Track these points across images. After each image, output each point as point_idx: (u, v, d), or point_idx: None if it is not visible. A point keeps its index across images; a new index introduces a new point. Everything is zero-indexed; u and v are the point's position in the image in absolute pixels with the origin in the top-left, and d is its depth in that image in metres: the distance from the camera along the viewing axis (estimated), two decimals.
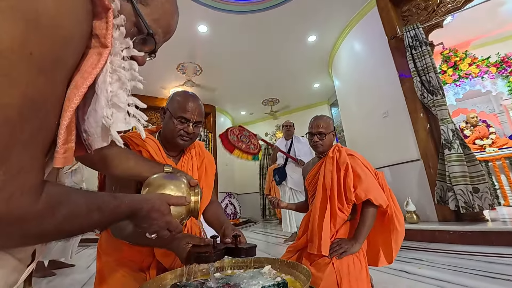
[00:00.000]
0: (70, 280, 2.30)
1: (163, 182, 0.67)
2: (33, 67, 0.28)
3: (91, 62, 0.36)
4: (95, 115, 0.39)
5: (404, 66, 3.18)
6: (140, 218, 0.53)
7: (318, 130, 1.50)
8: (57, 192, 0.34)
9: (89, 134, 0.41)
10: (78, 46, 0.34)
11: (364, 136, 4.04)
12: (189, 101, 1.01)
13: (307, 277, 0.65)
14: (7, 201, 0.27)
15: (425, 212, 2.92)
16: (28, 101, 0.28)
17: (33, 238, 0.33)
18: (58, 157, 0.34)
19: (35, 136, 0.30)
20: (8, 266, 0.36)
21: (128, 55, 0.43)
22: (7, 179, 0.27)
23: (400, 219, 1.35)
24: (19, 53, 0.27)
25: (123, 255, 0.97)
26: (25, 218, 0.29)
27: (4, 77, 0.26)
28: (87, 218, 0.39)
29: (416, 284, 1.53)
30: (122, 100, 0.41)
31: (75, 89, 0.34)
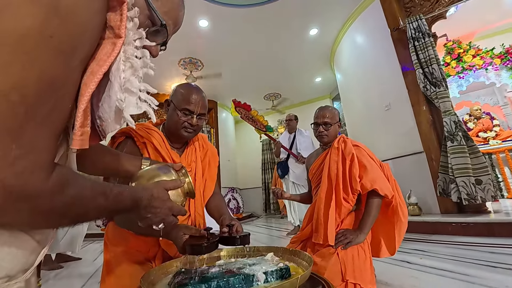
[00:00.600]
0: (77, 273, 2.34)
1: (155, 173, 0.68)
2: (52, 49, 0.29)
3: (106, 51, 0.38)
4: (109, 101, 0.41)
5: (407, 58, 3.15)
6: (143, 209, 0.54)
7: (324, 121, 1.49)
8: (66, 173, 0.36)
9: (103, 119, 0.43)
10: (93, 36, 0.35)
11: (366, 129, 4.03)
12: (192, 93, 1.02)
13: (309, 263, 0.67)
14: (18, 176, 0.28)
15: (427, 204, 2.92)
16: (45, 81, 0.29)
17: (41, 216, 0.33)
18: (75, 139, 0.36)
19: (49, 117, 0.31)
20: (28, 247, 0.37)
21: (141, 45, 0.45)
22: (20, 155, 0.28)
23: (404, 211, 1.36)
24: (40, 34, 0.28)
25: (130, 245, 0.99)
26: (35, 194, 0.30)
27: (24, 55, 0.28)
28: (92, 202, 0.40)
29: (418, 274, 1.54)
30: (134, 86, 0.43)
31: (91, 75, 0.36)
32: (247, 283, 0.57)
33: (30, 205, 0.30)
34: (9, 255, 0.35)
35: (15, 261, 0.36)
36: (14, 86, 0.27)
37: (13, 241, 0.35)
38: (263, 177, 6.89)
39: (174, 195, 0.64)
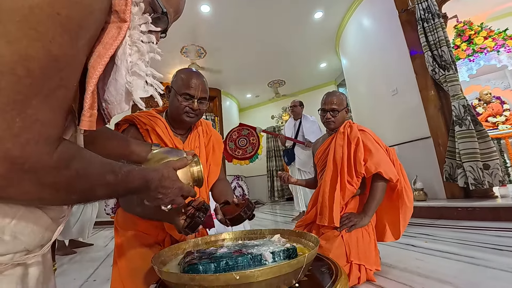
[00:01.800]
0: (89, 257, 2.43)
1: (163, 155, 0.69)
2: (59, 26, 0.30)
3: (112, 34, 0.39)
4: (115, 84, 0.42)
5: (415, 41, 3.05)
6: (153, 190, 0.54)
7: (331, 107, 1.48)
8: (73, 148, 0.36)
9: (108, 102, 0.43)
10: (99, 18, 0.36)
11: (372, 115, 3.98)
12: (192, 78, 1.02)
13: (315, 243, 0.68)
14: (22, 147, 0.28)
15: (433, 189, 2.92)
16: (51, 57, 0.30)
17: (48, 189, 0.34)
18: (84, 120, 0.37)
19: (54, 93, 0.31)
20: (43, 223, 0.39)
21: (147, 29, 0.46)
22: (24, 126, 0.28)
23: (409, 195, 1.36)
24: (47, 11, 0.29)
25: (139, 229, 1.02)
26: (38, 166, 0.31)
27: (32, 30, 0.28)
28: (101, 178, 0.40)
29: (423, 257, 1.56)
30: (142, 69, 0.44)
31: (98, 58, 0.37)
32: (255, 263, 0.59)
33: (34, 177, 0.31)
34: (27, 229, 0.36)
35: (33, 235, 0.37)
36: (21, 60, 0.28)
37: (30, 216, 0.37)
38: (268, 164, 6.92)
39: (183, 178, 0.65)
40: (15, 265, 0.36)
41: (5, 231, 0.34)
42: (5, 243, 0.34)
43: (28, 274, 0.39)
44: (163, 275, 0.54)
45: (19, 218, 0.35)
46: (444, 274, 1.28)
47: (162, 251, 0.71)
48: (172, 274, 0.52)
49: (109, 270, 1.95)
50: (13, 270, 0.36)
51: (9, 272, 0.36)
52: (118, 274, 0.95)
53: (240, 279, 0.45)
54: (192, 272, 0.54)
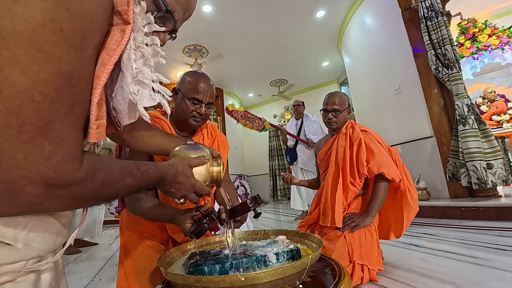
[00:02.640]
0: (95, 257, 2.46)
1: (186, 152, 0.69)
2: (64, 42, 0.29)
3: (115, 39, 0.37)
4: (122, 93, 0.41)
5: (418, 39, 3.03)
6: (167, 184, 0.56)
7: (333, 107, 1.48)
8: (95, 159, 0.37)
9: (117, 111, 0.43)
10: (102, 21, 0.35)
11: (375, 114, 3.97)
12: (200, 82, 1.02)
13: (318, 244, 0.68)
14: (54, 168, 0.30)
15: (436, 189, 2.91)
16: (63, 76, 0.30)
17: (78, 201, 0.36)
18: (92, 133, 0.37)
19: (72, 110, 0.32)
20: (54, 229, 0.40)
21: (150, 30, 0.44)
22: (53, 149, 0.30)
23: (413, 195, 1.37)
24: (50, 28, 0.28)
25: (143, 229, 1.03)
26: (71, 182, 0.33)
27: (40, 53, 0.28)
28: (121, 183, 0.42)
29: (426, 256, 1.56)
30: (146, 77, 0.43)
31: (102, 67, 0.36)
32: (259, 263, 0.60)
33: (67, 192, 0.33)
34: (39, 237, 0.37)
35: (45, 242, 0.38)
36: (36, 86, 0.28)
37: (41, 223, 0.38)
38: (270, 163, 6.93)
39: (199, 177, 0.65)
40: (28, 272, 0.37)
41: (17, 239, 0.35)
42: (18, 251, 0.35)
43: (40, 280, 0.39)
44: (169, 276, 0.55)
45: (32, 226, 0.36)
46: (447, 274, 1.28)
47: (167, 252, 0.73)
48: (178, 276, 0.53)
49: (114, 269, 1.97)
50: (26, 277, 0.37)
51: (22, 279, 0.36)
52: (124, 274, 0.96)
53: (245, 280, 0.46)
54: (197, 273, 0.55)
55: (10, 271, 0.34)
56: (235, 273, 0.56)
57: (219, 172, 0.70)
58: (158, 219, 0.94)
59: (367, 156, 1.36)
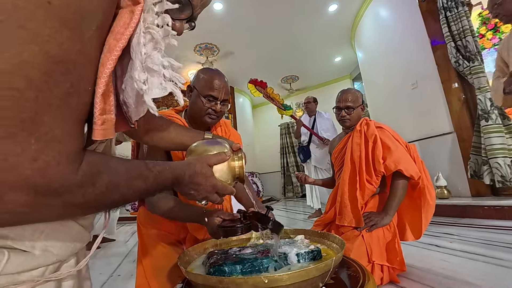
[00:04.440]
0: (112, 253, 2.53)
1: (205, 148, 0.63)
2: (53, 18, 0.24)
3: (123, 21, 0.32)
4: (131, 83, 0.35)
5: (437, 31, 2.91)
6: (184, 185, 0.50)
7: (346, 104, 1.46)
8: (97, 160, 0.32)
9: (128, 105, 0.37)
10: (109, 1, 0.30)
11: (390, 110, 3.86)
12: (215, 79, 1.01)
13: (340, 245, 0.67)
14: (42, 171, 0.25)
15: (456, 187, 2.80)
16: (52, 59, 0.24)
17: (76, 209, 0.31)
18: (96, 129, 0.31)
19: (66, 102, 0.26)
20: (73, 233, 0.38)
21: (161, 10, 0.37)
22: (40, 148, 0.24)
23: (432, 193, 1.32)
24: (37, 2, 0.23)
25: (161, 228, 1.04)
26: (64, 188, 0.27)
27: (20, 29, 0.22)
28: (130, 186, 0.36)
29: (448, 257, 1.51)
30: (156, 62, 0.36)
31: (108, 53, 0.30)
32: (279, 264, 0.59)
33: (62, 200, 0.28)
34: (58, 242, 0.36)
35: (64, 246, 0.37)
36: (16, 70, 0.23)
37: (60, 228, 0.36)
38: (282, 161, 6.90)
39: (221, 174, 0.59)
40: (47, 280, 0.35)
41: (35, 246, 0.33)
42: (35, 258, 0.33)
43: (61, 286, 0.38)
44: (190, 276, 0.55)
45: (49, 231, 0.34)
46: (470, 275, 1.23)
47: (186, 251, 0.73)
48: (200, 276, 0.52)
49: (132, 265, 2.02)
50: (46, 285, 0.35)
51: (42, 286, 0.34)
52: (143, 271, 0.97)
53: (269, 282, 0.45)
54: (218, 273, 0.55)
55: (28, 279, 0.32)
56: (255, 273, 0.56)
57: (241, 167, 0.63)
58: (182, 218, 0.93)
59: (383, 153, 1.32)
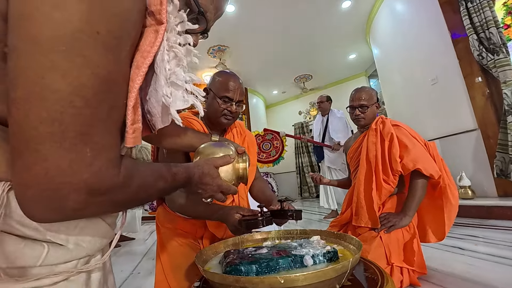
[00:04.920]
0: (132, 251, 2.63)
1: (212, 150, 0.69)
2: (101, 46, 0.29)
3: (149, 40, 0.36)
4: (156, 95, 0.40)
5: (457, 24, 2.78)
6: (194, 185, 0.56)
7: (360, 103, 1.43)
8: (130, 165, 0.37)
9: (152, 114, 0.43)
10: (136, 22, 0.34)
11: (409, 108, 3.73)
12: (230, 81, 1.04)
13: (357, 247, 0.65)
14: (96, 175, 0.30)
15: (481, 187, 2.66)
16: (101, 80, 0.29)
17: (118, 206, 0.37)
18: (128, 137, 0.36)
19: (110, 115, 0.31)
20: (101, 229, 0.42)
21: (183, 29, 0.42)
22: (94, 155, 0.29)
23: (454, 192, 1.27)
24: (88, 32, 0.27)
25: (178, 226, 1.07)
26: (112, 188, 0.32)
27: (79, 58, 0.27)
28: (154, 187, 0.42)
29: (472, 261, 1.44)
30: (180, 78, 0.41)
31: (136, 69, 0.35)
32: (295, 264, 0.59)
33: (109, 198, 0.33)
34: (88, 237, 0.39)
35: (93, 241, 0.40)
36: (76, 91, 0.27)
37: (90, 224, 0.40)
38: (296, 161, 6.84)
39: (225, 175, 0.65)
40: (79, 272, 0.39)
41: (69, 240, 0.36)
42: (69, 251, 0.37)
43: (90, 278, 0.41)
44: (207, 275, 0.56)
45: (81, 227, 0.38)
46: (496, 280, 1.17)
47: (203, 250, 0.74)
48: (217, 275, 0.53)
49: (151, 263, 2.08)
50: (79, 276, 0.39)
51: (74, 278, 0.38)
52: (162, 269, 1.01)
53: (285, 282, 0.46)
54: (234, 273, 0.55)
55: (64, 270, 0.36)
56: (271, 273, 0.56)
57: (244, 168, 0.69)
58: (201, 215, 0.97)
59: (401, 151, 1.28)
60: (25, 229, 0.33)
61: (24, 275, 0.33)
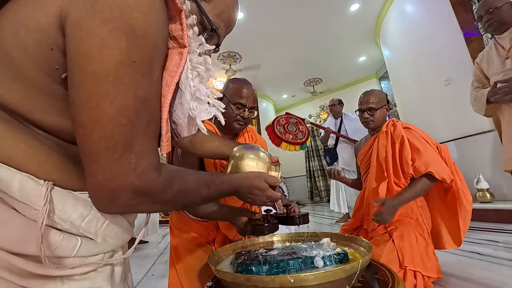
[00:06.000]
0: (146, 254, 2.68)
1: (242, 152, 0.73)
2: (138, 72, 0.35)
3: (175, 62, 0.42)
4: (181, 108, 0.47)
5: (470, 22, 2.73)
6: (243, 195, 0.63)
7: (368, 106, 1.44)
8: (171, 169, 0.43)
9: (177, 124, 0.49)
10: (163, 49, 0.40)
11: (421, 109, 3.65)
12: (244, 88, 1.09)
13: (367, 249, 0.66)
14: (140, 177, 0.36)
15: (501, 190, 2.56)
16: (139, 101, 0.36)
17: (158, 205, 0.42)
18: (163, 145, 0.43)
19: (149, 127, 0.38)
20: (124, 227, 0.46)
21: (202, 51, 0.49)
22: (137, 161, 0.36)
23: (468, 197, 1.24)
24: (127, 63, 0.34)
25: (191, 229, 1.10)
26: (153, 189, 0.38)
27: (122, 84, 0.34)
28: (196, 193, 0.47)
29: (491, 266, 1.39)
30: (203, 93, 0.48)
31: (166, 87, 0.42)
32: (306, 266, 0.60)
33: (150, 198, 0.39)
34: (113, 233, 0.43)
35: (117, 238, 0.44)
36: (122, 112, 0.34)
37: (114, 221, 0.44)
38: (307, 164, 6.79)
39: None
40: (105, 264, 0.44)
41: (98, 235, 0.41)
42: (98, 245, 0.42)
43: (114, 271, 0.46)
44: (219, 274, 0.58)
45: (107, 223, 0.42)
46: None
47: (215, 252, 0.76)
48: (228, 274, 0.55)
49: (164, 266, 2.12)
50: (105, 268, 0.44)
51: (101, 269, 0.43)
52: (175, 271, 1.03)
53: (295, 282, 0.47)
54: (245, 273, 0.57)
55: (93, 262, 0.41)
56: (281, 274, 0.57)
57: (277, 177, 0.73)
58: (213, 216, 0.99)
59: (412, 154, 1.27)
60: (63, 223, 0.38)
61: (61, 263, 0.38)
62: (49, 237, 0.36)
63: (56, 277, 0.37)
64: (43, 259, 0.34)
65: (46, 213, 0.35)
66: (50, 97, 0.37)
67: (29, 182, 0.35)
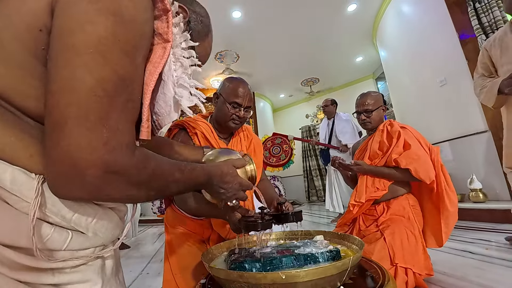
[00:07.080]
0: (140, 253, 2.67)
1: (218, 155, 0.75)
2: (120, 50, 0.36)
3: (158, 54, 0.44)
4: (164, 97, 0.48)
5: (465, 24, 2.76)
6: (215, 185, 0.59)
7: (364, 108, 1.49)
8: (146, 151, 0.42)
9: (159, 114, 0.49)
10: (147, 39, 0.42)
11: (417, 109, 3.68)
12: (240, 87, 1.09)
13: (360, 246, 0.67)
14: (111, 152, 0.34)
15: (494, 190, 2.59)
16: (119, 77, 0.36)
17: (131, 188, 0.39)
18: (143, 130, 0.42)
19: (126, 106, 0.37)
20: (114, 222, 0.47)
21: (187, 46, 0.52)
22: (110, 136, 0.34)
23: (452, 199, 1.27)
24: (111, 40, 0.35)
25: (186, 227, 1.10)
26: (125, 167, 0.36)
27: (102, 58, 0.34)
28: (171, 176, 0.45)
29: (484, 265, 1.41)
30: (186, 81, 0.50)
31: (150, 76, 0.43)
32: (298, 263, 0.60)
33: (123, 177, 0.36)
34: (103, 227, 0.44)
35: (107, 232, 0.45)
36: (99, 83, 0.34)
37: (105, 216, 0.44)
38: (304, 164, 6.81)
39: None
40: (95, 257, 0.44)
41: (88, 229, 0.42)
42: (89, 239, 0.42)
43: (105, 265, 0.47)
44: (213, 271, 0.58)
45: (98, 218, 0.43)
46: (508, 285, 1.14)
47: (209, 249, 0.77)
48: (222, 271, 0.56)
49: (159, 265, 2.12)
50: (95, 261, 0.44)
51: (92, 263, 0.44)
52: (169, 268, 1.03)
53: (286, 278, 0.47)
54: (238, 270, 0.57)
55: (84, 255, 0.42)
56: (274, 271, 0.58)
57: (253, 169, 0.74)
58: (208, 214, 1.00)
59: (403, 148, 1.33)
60: (54, 216, 0.38)
61: (52, 256, 0.38)
62: (40, 230, 0.37)
63: (47, 270, 0.38)
64: (35, 251, 0.35)
65: (37, 205, 0.35)
66: (38, 79, 0.37)
67: (20, 175, 0.35)
